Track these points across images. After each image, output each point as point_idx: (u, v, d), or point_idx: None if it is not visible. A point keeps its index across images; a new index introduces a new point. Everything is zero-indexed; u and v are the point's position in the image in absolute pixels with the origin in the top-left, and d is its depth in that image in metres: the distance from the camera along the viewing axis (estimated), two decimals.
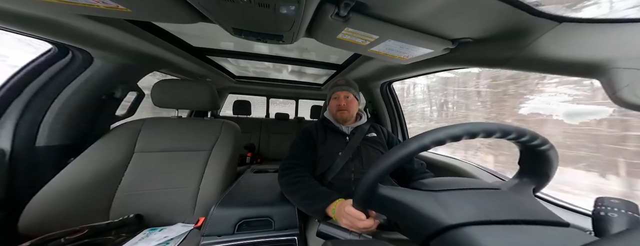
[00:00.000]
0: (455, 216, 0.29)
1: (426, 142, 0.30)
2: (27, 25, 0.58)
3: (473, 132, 0.30)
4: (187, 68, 1.25)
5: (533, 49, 0.47)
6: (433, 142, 0.30)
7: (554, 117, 1.06)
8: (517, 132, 0.31)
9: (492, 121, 0.41)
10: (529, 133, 0.31)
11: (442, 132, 0.30)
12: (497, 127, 0.31)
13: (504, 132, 0.31)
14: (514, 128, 0.31)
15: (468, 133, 0.30)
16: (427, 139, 0.30)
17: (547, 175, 0.36)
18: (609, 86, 0.40)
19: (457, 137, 0.30)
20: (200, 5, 0.46)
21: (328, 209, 0.54)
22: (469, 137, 0.30)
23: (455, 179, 0.39)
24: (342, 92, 0.85)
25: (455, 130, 0.30)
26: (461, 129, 0.30)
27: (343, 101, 0.84)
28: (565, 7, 0.40)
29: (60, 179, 0.70)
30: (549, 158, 0.34)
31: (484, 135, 0.30)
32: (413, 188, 0.36)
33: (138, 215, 0.75)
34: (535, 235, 0.26)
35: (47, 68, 0.75)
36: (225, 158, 0.90)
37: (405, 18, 0.49)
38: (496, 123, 0.31)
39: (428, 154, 1.12)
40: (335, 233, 0.41)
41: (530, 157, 0.36)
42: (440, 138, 0.30)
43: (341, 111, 0.83)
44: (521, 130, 0.31)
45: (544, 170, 0.36)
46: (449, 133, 0.30)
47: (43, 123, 0.76)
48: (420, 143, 0.30)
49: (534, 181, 0.37)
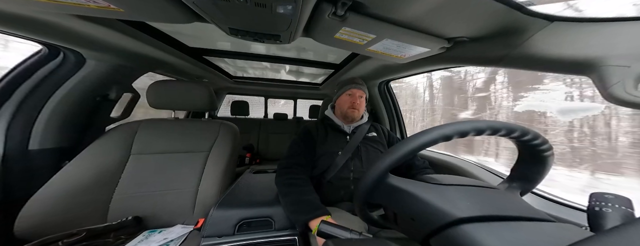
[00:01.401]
0: (463, 210, 0.29)
1: (438, 134, 0.31)
2: (15, 25, 0.57)
3: (480, 129, 0.31)
4: (184, 68, 1.23)
5: (526, 47, 0.48)
6: (443, 135, 0.31)
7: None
8: (521, 131, 0.32)
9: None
10: (531, 133, 0.32)
11: (450, 127, 0.31)
12: (502, 125, 0.32)
13: (508, 130, 0.32)
14: (519, 127, 0.32)
15: (475, 130, 0.31)
16: (436, 133, 0.31)
17: (536, 180, 0.38)
18: (600, 83, 0.41)
19: (465, 132, 0.31)
20: (195, 4, 0.45)
21: (311, 224, 0.54)
22: (475, 133, 0.31)
23: (459, 177, 0.39)
24: (358, 91, 0.84)
25: (465, 125, 0.31)
26: (470, 125, 0.31)
27: (358, 99, 0.83)
28: (556, 6, 0.40)
29: (56, 182, 0.69)
30: (546, 161, 0.35)
31: (490, 132, 0.32)
32: (421, 181, 0.37)
33: (136, 217, 0.75)
34: (533, 231, 0.27)
35: (38, 70, 0.73)
36: (224, 159, 0.89)
37: (402, 17, 0.50)
38: (505, 122, 0.33)
39: (427, 152, 1.13)
40: (336, 232, 0.41)
41: (527, 158, 0.38)
42: (447, 133, 0.31)
43: (353, 109, 0.82)
44: (526, 129, 0.32)
45: (534, 176, 0.38)
46: (457, 128, 0.31)
47: (35, 126, 0.74)
48: (441, 133, 0.31)
49: (521, 186, 0.39)
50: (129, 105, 1.07)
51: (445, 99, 3.54)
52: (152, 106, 0.90)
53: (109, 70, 0.86)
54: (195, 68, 1.27)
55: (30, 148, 0.73)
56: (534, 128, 0.33)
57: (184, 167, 0.86)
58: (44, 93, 0.75)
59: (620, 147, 1.34)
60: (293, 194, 0.62)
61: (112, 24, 0.66)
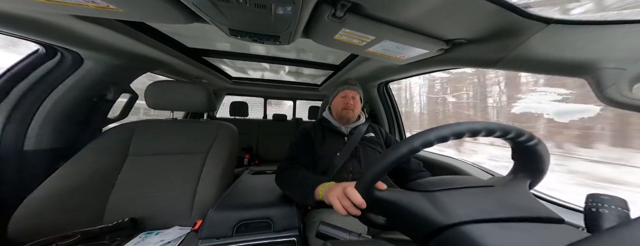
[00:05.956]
0: (450, 216, 0.29)
1: (431, 137, 0.30)
2: (14, 25, 0.56)
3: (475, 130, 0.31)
4: (183, 69, 1.23)
5: (523, 49, 0.48)
6: (439, 137, 0.30)
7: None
8: (502, 130, 0.31)
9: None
10: (514, 130, 0.32)
11: (445, 129, 0.31)
12: (482, 125, 0.31)
13: (489, 131, 0.31)
14: (497, 126, 0.32)
15: (471, 131, 0.31)
16: (432, 134, 0.30)
17: (541, 169, 0.37)
18: (596, 85, 0.41)
19: (461, 134, 0.31)
20: (194, 5, 0.45)
21: (317, 189, 0.52)
22: (471, 134, 0.31)
23: (450, 178, 0.39)
24: (351, 92, 0.85)
25: (449, 129, 0.30)
26: (466, 127, 0.31)
27: (351, 100, 0.83)
28: (553, 9, 0.41)
29: (51, 183, 0.68)
30: (538, 153, 0.35)
31: (485, 133, 0.31)
32: (408, 188, 0.37)
33: (133, 218, 0.74)
34: (531, 232, 0.27)
35: (35, 70, 0.73)
36: (223, 160, 0.89)
37: (401, 19, 0.50)
38: (486, 122, 0.32)
39: (424, 153, 1.13)
40: (335, 234, 0.41)
41: (521, 154, 0.37)
42: (445, 134, 0.30)
43: (347, 110, 0.83)
44: (506, 127, 0.32)
45: (537, 166, 0.36)
46: (454, 130, 0.30)
47: (31, 126, 0.73)
48: (437, 134, 0.30)
49: (529, 176, 0.37)
50: (127, 105, 1.06)
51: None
52: (150, 107, 0.90)
53: (107, 71, 0.86)
54: (195, 69, 1.27)
55: (26, 149, 0.72)
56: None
57: (182, 168, 0.85)
58: (41, 94, 0.75)
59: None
60: (296, 179, 0.62)
61: (110, 24, 0.65)
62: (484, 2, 0.41)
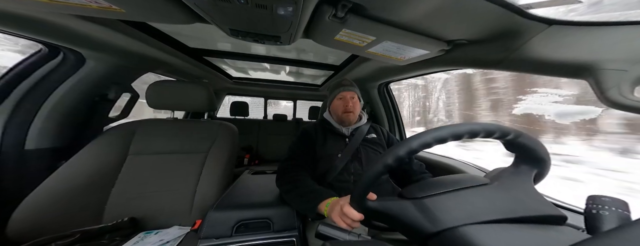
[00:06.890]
0: (436, 224, 0.29)
1: (428, 138, 0.30)
2: (17, 24, 0.57)
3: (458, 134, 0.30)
4: (184, 69, 1.23)
5: (525, 50, 0.48)
6: (436, 139, 0.30)
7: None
8: (486, 131, 0.30)
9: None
10: (498, 130, 0.31)
11: (432, 133, 0.30)
12: (497, 127, 0.30)
13: (502, 133, 0.31)
14: (481, 127, 0.30)
15: (453, 135, 0.30)
16: (430, 136, 0.30)
17: (543, 159, 0.34)
18: (597, 87, 0.41)
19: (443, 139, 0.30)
20: (195, 5, 0.45)
21: (321, 206, 0.52)
22: (454, 138, 0.30)
23: (443, 179, 0.38)
24: (348, 93, 0.82)
25: (440, 132, 0.30)
26: (447, 131, 0.30)
27: (350, 102, 0.80)
28: (554, 10, 0.41)
29: (51, 182, 0.68)
30: (526, 146, 0.33)
31: (469, 135, 0.30)
32: (400, 195, 0.37)
33: (132, 218, 0.74)
34: (530, 233, 0.26)
35: (37, 70, 0.73)
36: (223, 160, 0.89)
37: (402, 19, 0.50)
38: (469, 123, 0.31)
39: (425, 154, 1.13)
40: (334, 234, 0.40)
41: (513, 150, 0.36)
42: (444, 136, 0.30)
43: (347, 113, 0.80)
44: (489, 128, 0.30)
45: (535, 156, 0.34)
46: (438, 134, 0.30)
47: (33, 125, 0.74)
48: (420, 141, 0.30)
49: (534, 167, 0.35)
50: (128, 105, 1.07)
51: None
52: (151, 106, 0.90)
53: (109, 70, 0.86)
54: (195, 69, 1.27)
55: (27, 148, 0.73)
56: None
57: (182, 168, 0.85)
58: (42, 93, 0.75)
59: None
60: (298, 188, 0.61)
61: (113, 24, 0.66)
62: (485, 2, 0.41)
